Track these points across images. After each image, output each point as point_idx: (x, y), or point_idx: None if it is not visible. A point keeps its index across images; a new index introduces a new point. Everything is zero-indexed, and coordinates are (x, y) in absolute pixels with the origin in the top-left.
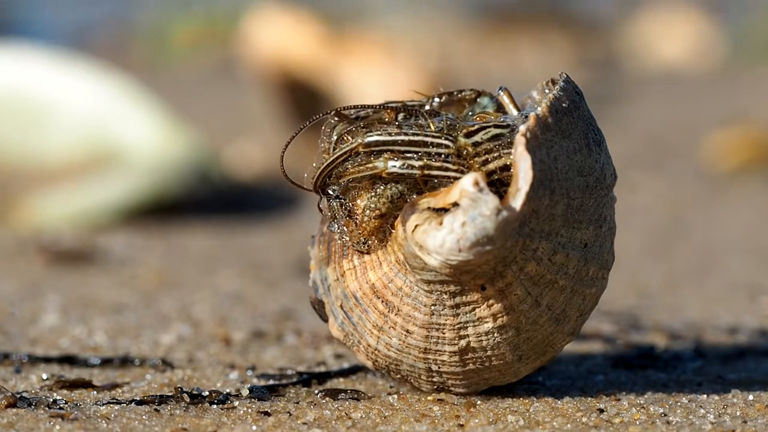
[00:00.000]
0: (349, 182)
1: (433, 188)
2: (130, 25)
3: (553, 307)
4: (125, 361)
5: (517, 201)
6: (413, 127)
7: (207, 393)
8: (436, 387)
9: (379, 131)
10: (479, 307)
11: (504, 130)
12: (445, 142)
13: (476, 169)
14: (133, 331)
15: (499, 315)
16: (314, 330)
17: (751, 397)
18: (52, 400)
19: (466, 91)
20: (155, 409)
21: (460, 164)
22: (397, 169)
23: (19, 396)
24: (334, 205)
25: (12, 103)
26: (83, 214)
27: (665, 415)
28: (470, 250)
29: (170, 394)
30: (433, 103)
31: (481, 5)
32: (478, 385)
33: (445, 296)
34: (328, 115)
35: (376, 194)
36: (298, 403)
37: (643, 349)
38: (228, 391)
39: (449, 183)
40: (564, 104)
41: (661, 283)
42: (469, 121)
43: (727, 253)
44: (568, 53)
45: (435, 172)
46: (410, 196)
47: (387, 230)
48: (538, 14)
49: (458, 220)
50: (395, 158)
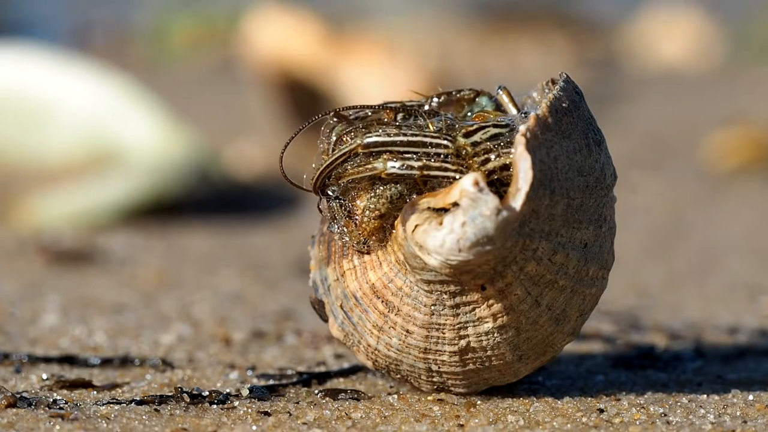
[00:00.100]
0: (349, 183)
1: (433, 188)
2: (130, 25)
3: (553, 307)
4: (125, 361)
5: (517, 201)
6: (412, 128)
7: (207, 393)
8: (436, 387)
9: (378, 132)
10: (479, 307)
11: (503, 130)
12: (444, 143)
13: (475, 169)
14: (133, 331)
15: (499, 315)
16: (314, 330)
17: (751, 397)
18: (52, 400)
19: (464, 91)
20: (155, 409)
21: (459, 164)
22: (396, 170)
23: (19, 396)
24: (334, 205)
25: (12, 103)
26: (83, 214)
27: (665, 415)
28: (470, 250)
29: (170, 394)
30: (432, 104)
31: (481, 5)
32: (478, 385)
33: (445, 296)
34: (327, 115)
35: (375, 195)
36: (298, 403)
37: (643, 349)
38: (228, 391)
39: (448, 183)
40: (564, 104)
41: (661, 283)
42: (468, 120)
43: (727, 253)
44: (568, 53)
45: (434, 172)
46: (410, 196)
47: (387, 230)
48: (538, 14)
49: (458, 220)
50: (394, 159)
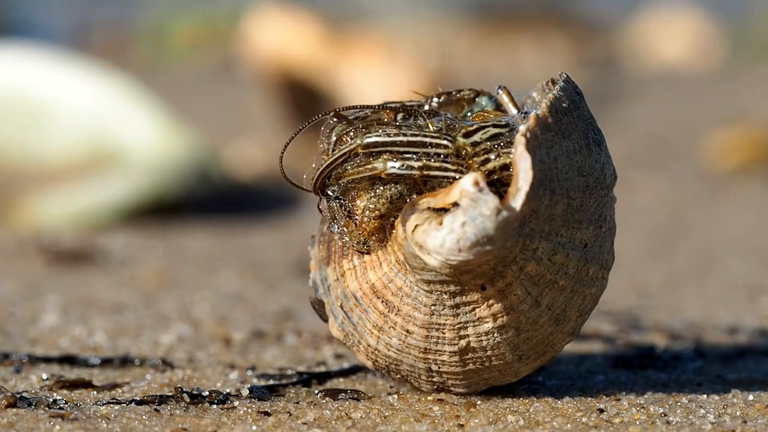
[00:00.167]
0: (349, 183)
1: (433, 188)
2: (130, 25)
3: (553, 307)
4: (125, 361)
5: (517, 201)
6: (412, 128)
7: (207, 393)
8: (436, 387)
9: (378, 132)
10: (479, 307)
11: (503, 130)
12: (444, 143)
13: (475, 169)
14: (133, 331)
15: (499, 315)
16: (314, 330)
17: (751, 397)
18: (52, 400)
19: (464, 91)
20: (155, 409)
21: (459, 164)
22: (396, 170)
23: (19, 396)
24: (334, 205)
25: (12, 103)
26: (83, 214)
27: (665, 415)
28: (470, 250)
29: (170, 394)
30: (432, 104)
31: (481, 5)
32: (478, 385)
33: (445, 296)
34: (327, 115)
35: (375, 195)
36: (298, 403)
37: (643, 349)
38: (228, 391)
39: (448, 183)
40: (564, 104)
41: (661, 283)
42: (468, 120)
43: (727, 253)
44: (568, 53)
45: (434, 172)
46: (410, 196)
47: (387, 230)
48: (538, 14)
49: (458, 220)
50: (394, 159)
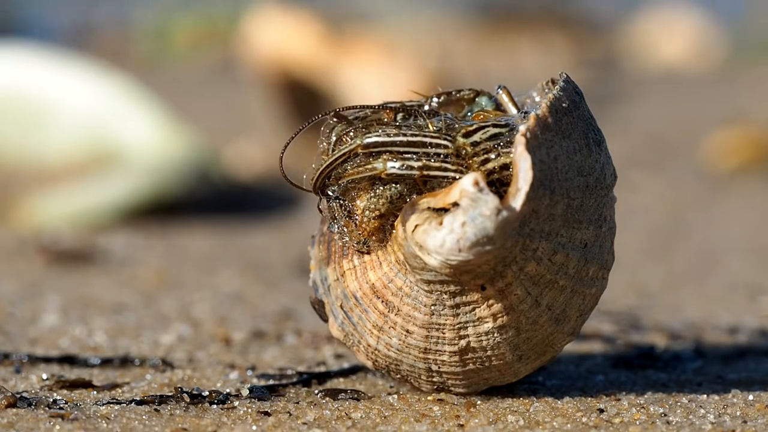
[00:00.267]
0: (349, 183)
1: (433, 189)
2: (130, 25)
3: (553, 307)
4: (125, 361)
5: (517, 201)
6: (412, 128)
7: (207, 393)
8: (436, 387)
9: (378, 132)
10: (479, 307)
11: (502, 130)
12: (444, 143)
13: (475, 169)
14: (133, 331)
15: (499, 315)
16: (314, 330)
17: (751, 397)
18: (52, 400)
19: (464, 91)
20: (155, 409)
21: (459, 164)
22: (396, 170)
23: (19, 396)
24: (334, 205)
25: (12, 103)
26: (83, 214)
27: (665, 415)
28: (470, 250)
29: (170, 394)
30: (432, 104)
31: (481, 5)
32: (478, 385)
33: (445, 296)
34: (327, 115)
35: (375, 195)
36: (298, 403)
37: (643, 349)
38: (228, 391)
39: (448, 183)
40: (564, 104)
41: (661, 283)
42: (468, 120)
43: (727, 253)
44: (568, 53)
45: (434, 172)
46: (410, 196)
47: (387, 230)
48: (538, 14)
49: (458, 220)
50: (394, 159)
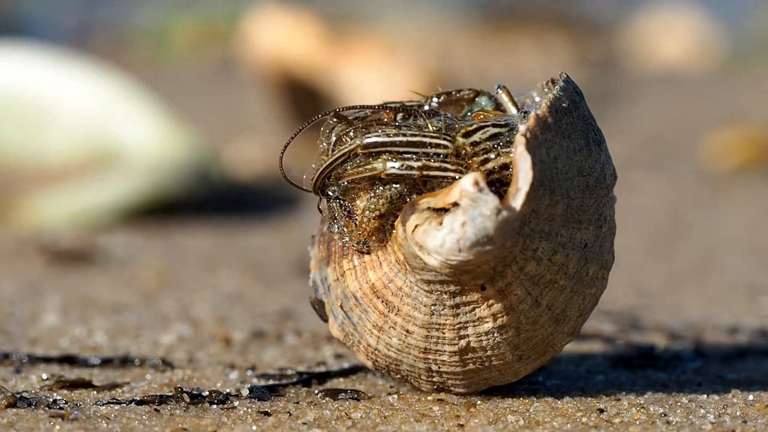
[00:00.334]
0: (349, 183)
1: (432, 189)
2: (130, 25)
3: (553, 307)
4: (125, 361)
5: (517, 201)
6: (411, 128)
7: (207, 393)
8: (436, 387)
9: (378, 132)
10: (479, 307)
11: (502, 129)
12: (444, 143)
13: (475, 169)
14: (133, 331)
15: (499, 315)
16: (314, 330)
17: (751, 397)
18: (52, 400)
19: (464, 91)
20: (155, 409)
21: (458, 164)
22: (395, 170)
23: (19, 396)
24: (334, 206)
25: (12, 103)
26: (83, 214)
27: (665, 415)
28: (470, 250)
29: (170, 394)
30: (432, 104)
31: (481, 5)
32: (478, 385)
33: (445, 296)
34: (327, 115)
35: (375, 195)
36: (298, 403)
37: (643, 349)
38: (228, 391)
39: (448, 183)
40: (564, 104)
41: (661, 283)
42: (468, 120)
43: (727, 253)
44: (568, 53)
45: (434, 172)
46: (409, 196)
47: (387, 230)
48: (538, 14)
49: (458, 220)
50: (394, 159)
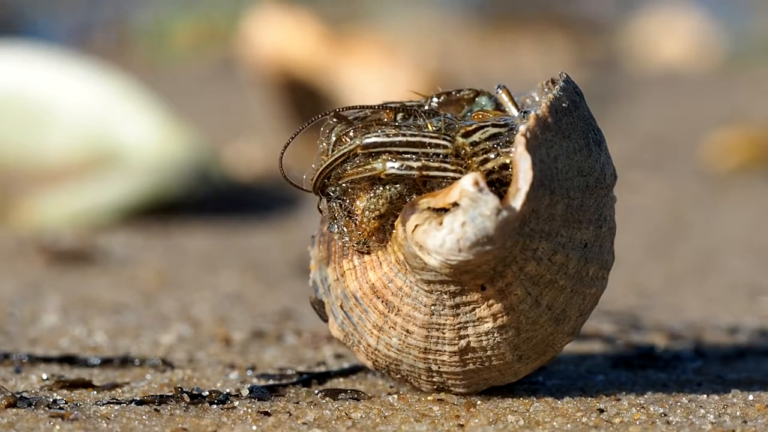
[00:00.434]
0: (348, 183)
1: (432, 189)
2: (130, 25)
3: (553, 307)
4: (125, 361)
5: (517, 201)
6: (411, 128)
7: (207, 393)
8: (436, 387)
9: (377, 132)
10: (479, 307)
11: (502, 129)
12: (443, 143)
13: (474, 169)
14: (133, 331)
15: (499, 315)
16: (314, 330)
17: (751, 397)
18: (52, 400)
19: (464, 91)
20: (155, 409)
21: (458, 164)
22: (395, 170)
23: (19, 396)
24: (334, 206)
25: (12, 103)
26: (83, 214)
27: (665, 415)
28: (470, 250)
29: (170, 394)
30: (432, 104)
31: (481, 5)
32: (478, 385)
33: (445, 296)
34: (327, 116)
35: (375, 195)
36: (298, 403)
37: (643, 349)
38: (228, 391)
39: (448, 183)
40: (564, 104)
41: (661, 283)
42: (467, 120)
43: (727, 253)
44: (568, 53)
45: (433, 172)
46: (409, 196)
47: (387, 231)
48: (538, 14)
49: (458, 220)
50: (393, 159)
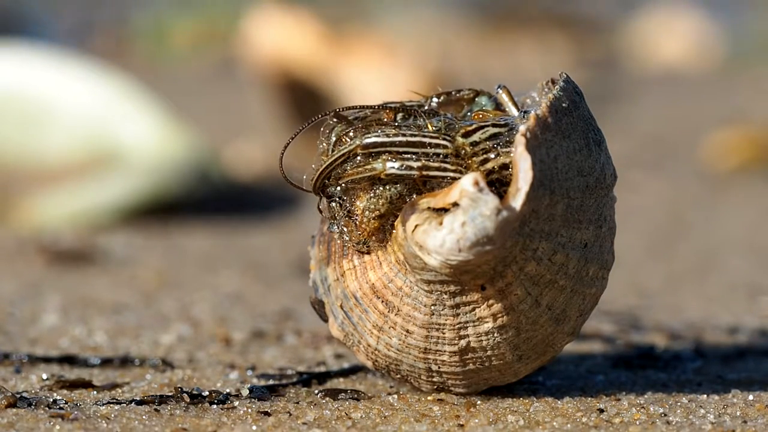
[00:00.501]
0: (348, 183)
1: (432, 189)
2: (130, 25)
3: (553, 307)
4: (125, 361)
5: (517, 201)
6: (411, 128)
7: (207, 393)
8: (436, 387)
9: (377, 133)
10: (479, 307)
11: (502, 129)
12: (443, 143)
13: (474, 169)
14: (133, 331)
15: (499, 315)
16: (314, 330)
17: (751, 397)
18: (52, 400)
19: (464, 91)
20: (155, 409)
21: (458, 164)
22: (395, 170)
23: (19, 396)
24: (334, 206)
25: (12, 103)
26: (83, 214)
27: (665, 415)
28: (470, 250)
29: (170, 394)
30: (432, 104)
31: (481, 5)
32: (478, 385)
33: (445, 296)
34: (327, 116)
35: (375, 195)
36: (298, 403)
37: (643, 349)
38: (228, 391)
39: (448, 183)
40: (564, 104)
41: (661, 283)
42: (467, 120)
43: (727, 253)
44: (568, 53)
45: (433, 172)
46: (409, 196)
47: (387, 231)
48: (538, 14)
49: (458, 220)
50: (393, 159)
